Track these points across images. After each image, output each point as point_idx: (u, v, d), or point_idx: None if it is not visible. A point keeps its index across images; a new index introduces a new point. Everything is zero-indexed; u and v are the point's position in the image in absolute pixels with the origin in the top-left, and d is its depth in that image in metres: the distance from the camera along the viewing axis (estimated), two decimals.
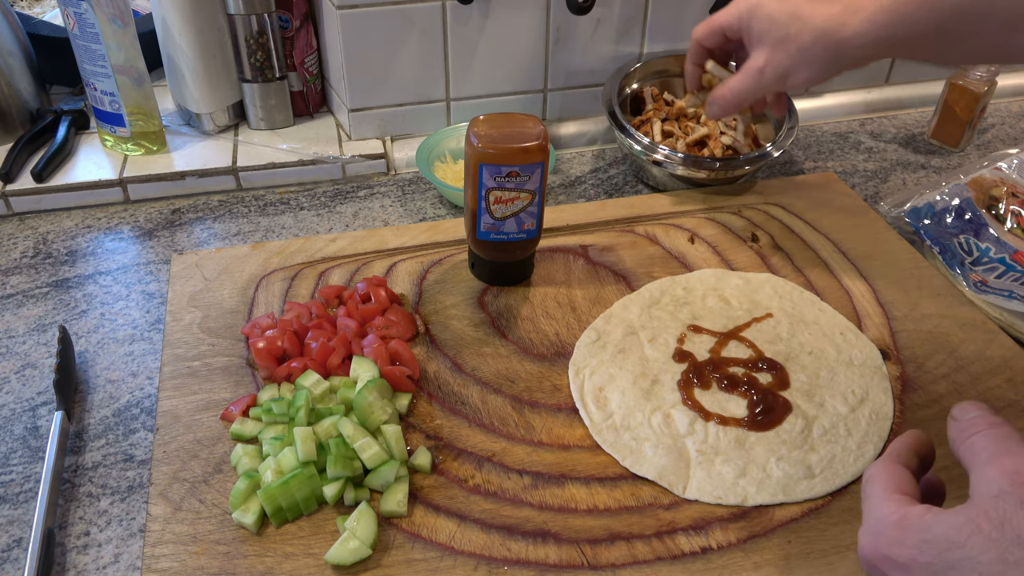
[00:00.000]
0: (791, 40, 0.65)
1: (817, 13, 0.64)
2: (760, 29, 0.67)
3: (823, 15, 0.64)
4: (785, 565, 0.53)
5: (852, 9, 0.62)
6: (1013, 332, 0.72)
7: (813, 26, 0.64)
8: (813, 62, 0.66)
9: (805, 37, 0.65)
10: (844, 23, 0.62)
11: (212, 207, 0.89)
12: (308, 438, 0.57)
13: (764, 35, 0.67)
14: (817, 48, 0.64)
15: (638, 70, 0.96)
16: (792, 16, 0.65)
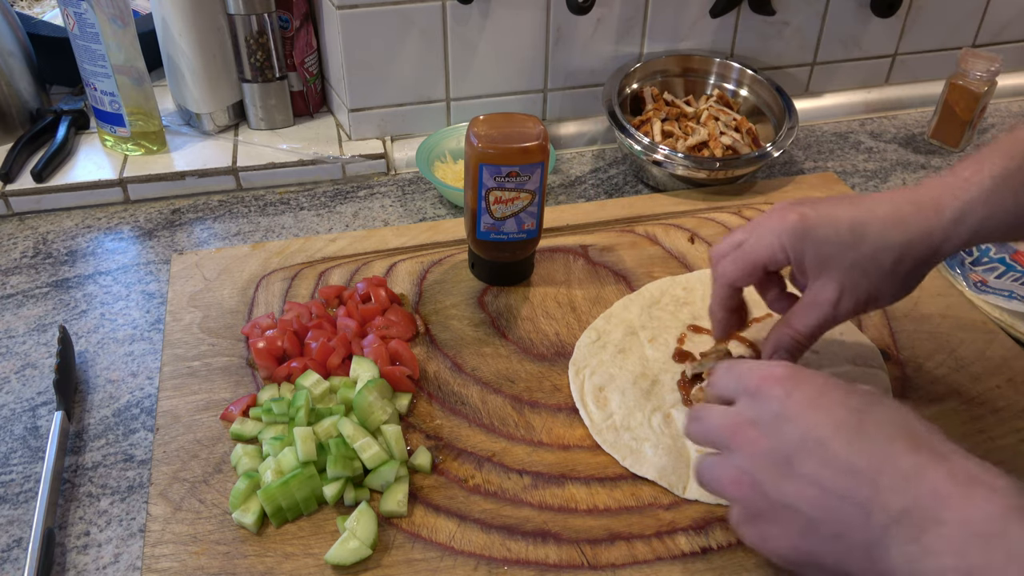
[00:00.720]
0: (867, 264, 0.53)
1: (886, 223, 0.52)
2: (820, 257, 0.54)
3: (897, 224, 0.52)
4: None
5: (932, 209, 0.52)
6: (1013, 332, 0.72)
7: (889, 243, 0.52)
8: (900, 282, 0.54)
9: (884, 258, 0.52)
10: (929, 231, 0.52)
11: (212, 207, 0.89)
12: (308, 438, 0.57)
13: (829, 262, 0.54)
14: (903, 267, 0.53)
15: (638, 70, 0.96)
16: (857, 235, 0.53)
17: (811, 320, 0.55)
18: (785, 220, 0.54)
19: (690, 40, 0.99)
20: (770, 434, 0.44)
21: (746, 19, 0.99)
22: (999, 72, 0.95)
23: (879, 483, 0.40)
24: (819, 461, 0.42)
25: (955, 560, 0.37)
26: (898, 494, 0.40)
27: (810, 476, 0.42)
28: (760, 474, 0.44)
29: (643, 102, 0.97)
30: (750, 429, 0.45)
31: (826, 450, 0.42)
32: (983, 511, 0.37)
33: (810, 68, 1.06)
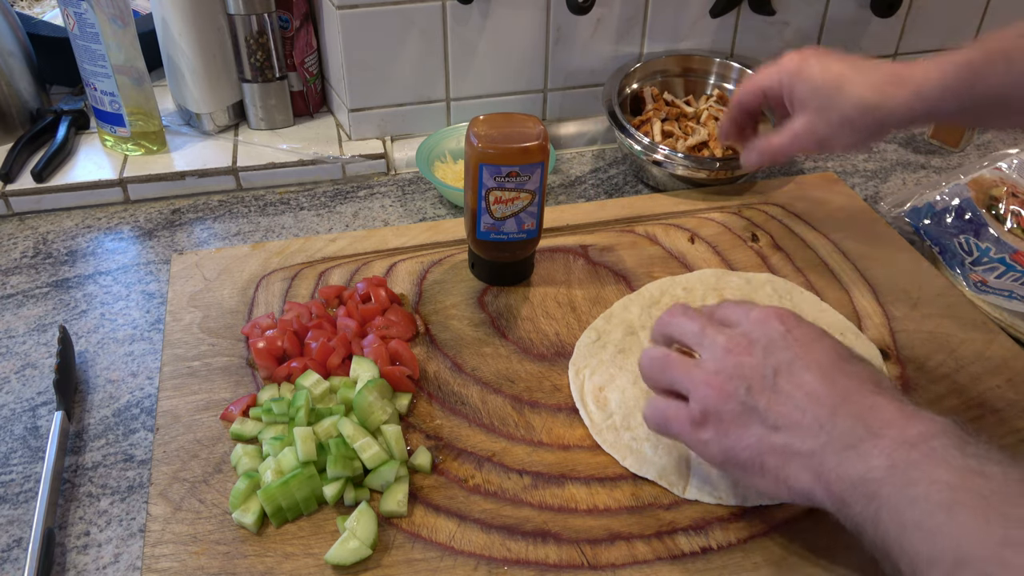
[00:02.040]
0: (833, 110, 0.65)
1: (861, 83, 0.64)
2: (803, 94, 0.67)
3: (867, 85, 0.63)
4: (785, 565, 0.53)
5: (898, 80, 0.62)
6: (1013, 332, 0.72)
7: (857, 98, 0.64)
8: (853, 133, 0.65)
9: (848, 109, 0.64)
10: (889, 96, 0.62)
11: (212, 207, 0.89)
12: (308, 438, 0.57)
13: (807, 101, 0.67)
14: (860, 121, 0.64)
15: (638, 70, 0.96)
16: (835, 86, 0.65)
17: (778, 142, 0.71)
18: (791, 60, 0.69)
19: (690, 40, 0.99)
20: (764, 353, 0.50)
21: (746, 19, 0.99)
22: None
23: (839, 407, 0.46)
24: (795, 382, 0.48)
25: (882, 460, 0.43)
26: (851, 418, 0.45)
27: (784, 391, 0.48)
28: (742, 381, 0.49)
29: (643, 102, 0.96)
30: (746, 345, 0.50)
31: (804, 376, 0.48)
32: (918, 429, 0.43)
33: None
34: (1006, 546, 0.37)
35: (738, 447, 0.49)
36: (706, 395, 0.50)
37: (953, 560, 0.38)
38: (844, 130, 0.65)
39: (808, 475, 0.46)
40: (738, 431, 0.49)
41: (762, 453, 0.48)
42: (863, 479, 0.43)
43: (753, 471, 0.48)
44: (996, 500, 0.38)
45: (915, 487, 0.41)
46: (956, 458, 0.41)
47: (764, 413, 0.48)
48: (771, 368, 0.49)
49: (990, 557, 0.37)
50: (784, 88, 0.69)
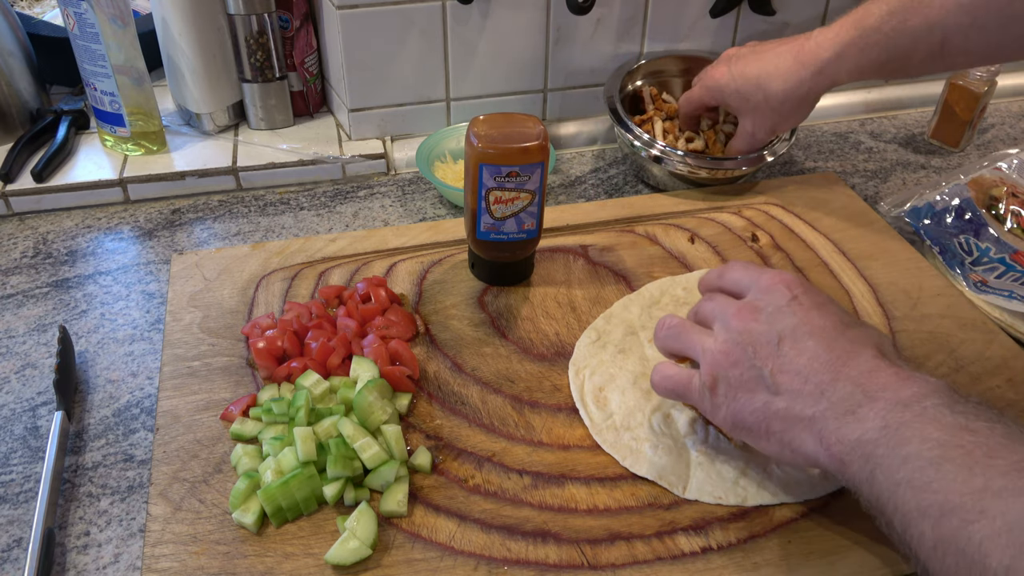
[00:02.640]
0: (764, 106, 0.79)
1: (773, 76, 0.77)
2: (735, 105, 0.82)
3: (779, 78, 0.77)
4: (785, 565, 0.53)
5: (801, 63, 0.76)
6: (1013, 332, 0.72)
7: (775, 92, 0.78)
8: (790, 113, 0.80)
9: (774, 102, 0.78)
10: (800, 81, 0.76)
11: (212, 207, 0.89)
12: (308, 438, 0.57)
13: (741, 108, 0.82)
14: (788, 105, 0.78)
15: (638, 70, 0.96)
16: (755, 87, 0.79)
17: (741, 144, 0.85)
18: (711, 77, 0.83)
19: (690, 40, 0.99)
20: (770, 320, 0.52)
21: (746, 19, 0.99)
22: (999, 72, 0.95)
23: (839, 372, 0.48)
24: (799, 348, 0.50)
25: (877, 422, 0.45)
26: (850, 382, 0.47)
27: (789, 357, 0.50)
28: (749, 347, 0.51)
29: (642, 102, 0.96)
30: (754, 312, 0.53)
31: (808, 341, 0.50)
32: (911, 391, 0.45)
33: None
34: (986, 493, 0.38)
35: (745, 411, 0.51)
36: (716, 361, 0.52)
37: (939, 510, 0.40)
38: (781, 117, 0.80)
39: (811, 439, 0.48)
40: (745, 396, 0.51)
41: (768, 418, 0.50)
42: (859, 441, 0.45)
43: (760, 435, 0.51)
44: (980, 453, 0.40)
45: (907, 446, 0.43)
46: (946, 416, 0.43)
47: (769, 379, 0.50)
48: (776, 334, 0.51)
49: (972, 505, 0.38)
50: (718, 102, 0.84)
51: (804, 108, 0.80)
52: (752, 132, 0.82)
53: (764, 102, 0.79)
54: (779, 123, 0.81)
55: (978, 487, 0.39)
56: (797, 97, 0.77)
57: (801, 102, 0.78)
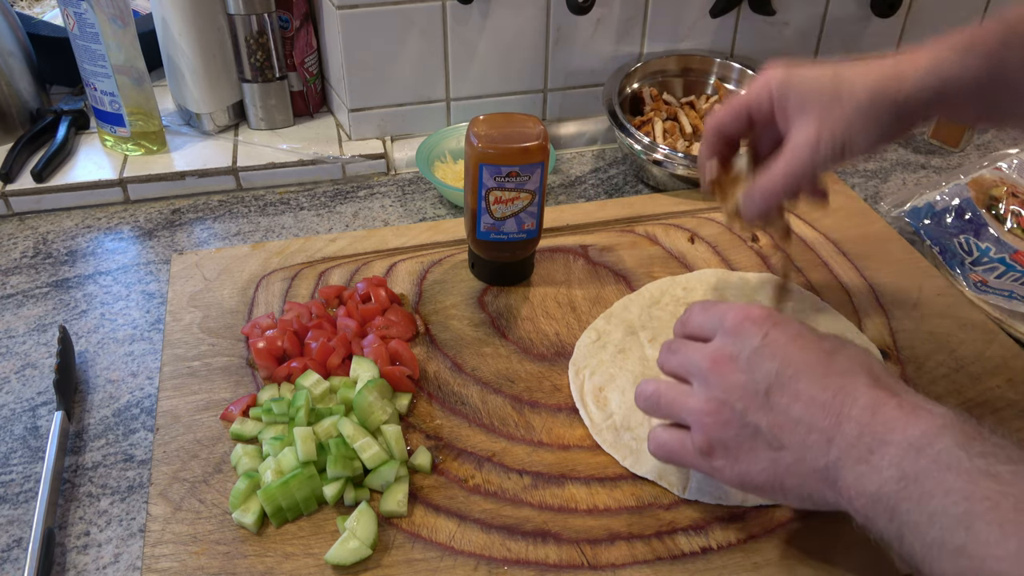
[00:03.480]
0: (844, 102, 0.55)
1: (863, 74, 0.56)
2: (801, 96, 0.56)
3: (873, 71, 0.55)
4: (785, 565, 0.53)
5: (903, 64, 0.55)
6: (1013, 332, 0.72)
7: (866, 84, 0.55)
8: (874, 123, 0.55)
9: (860, 96, 0.55)
10: (902, 75, 0.54)
11: (212, 207, 0.89)
12: (308, 438, 0.57)
13: (808, 102, 0.56)
14: (876, 107, 0.55)
15: (638, 70, 0.96)
16: (836, 78, 0.56)
17: (794, 162, 0.57)
18: (774, 71, 0.58)
19: (690, 40, 0.99)
20: (748, 368, 0.48)
21: (746, 19, 0.99)
22: None
23: (841, 414, 0.45)
24: (791, 394, 0.46)
25: (893, 471, 0.42)
26: (855, 423, 0.44)
27: (782, 406, 0.46)
28: (737, 404, 0.48)
29: (642, 102, 0.97)
30: (729, 362, 0.49)
31: (797, 384, 0.46)
32: (920, 429, 0.42)
33: None
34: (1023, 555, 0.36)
35: (752, 472, 0.48)
36: (705, 424, 0.49)
37: None
38: (862, 122, 0.55)
39: (830, 491, 0.45)
40: (748, 456, 0.48)
41: (779, 476, 0.47)
42: (879, 495, 0.42)
43: (775, 492, 0.48)
44: (1009, 505, 0.38)
45: (930, 501, 0.40)
46: (963, 460, 0.40)
47: (768, 434, 0.47)
48: (762, 384, 0.47)
49: (1015, 571, 0.36)
50: (775, 100, 0.58)
51: (896, 121, 0.55)
52: (814, 141, 0.55)
53: (846, 95, 0.55)
54: (855, 134, 0.55)
55: (1014, 550, 0.37)
56: (893, 98, 0.54)
57: (896, 109, 0.55)
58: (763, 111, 0.59)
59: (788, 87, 0.57)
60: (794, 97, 0.57)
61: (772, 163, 0.58)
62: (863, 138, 0.55)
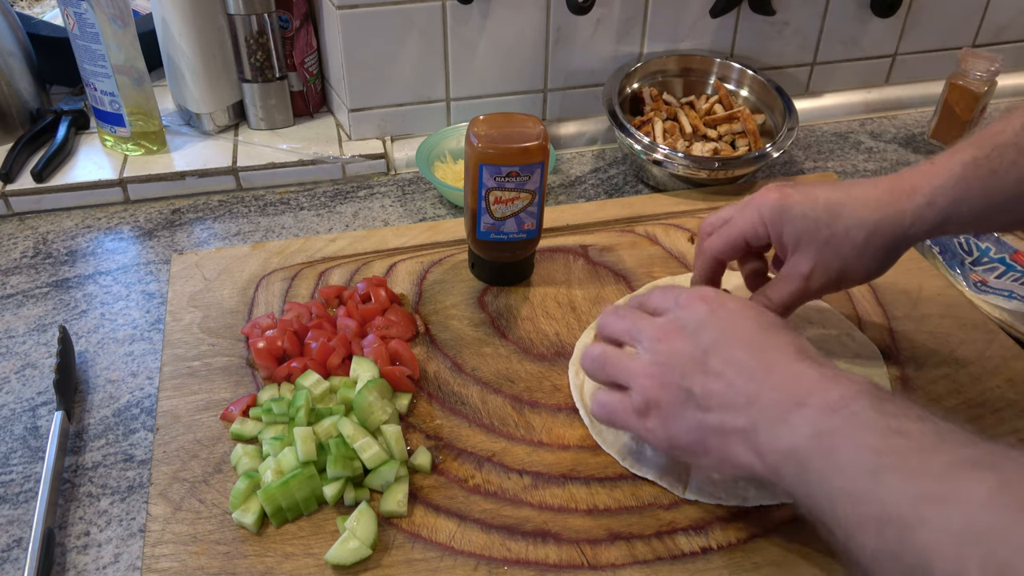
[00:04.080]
0: (840, 240, 0.56)
1: (858, 204, 0.56)
2: (796, 232, 0.57)
3: (870, 204, 0.56)
4: (785, 565, 0.54)
5: (898, 192, 0.56)
6: (1013, 332, 0.72)
7: (862, 220, 0.56)
8: (870, 260, 0.57)
9: (856, 235, 0.56)
10: (900, 211, 0.55)
11: (212, 207, 0.89)
12: (308, 438, 0.57)
13: (804, 237, 0.57)
14: (873, 244, 0.56)
15: (638, 70, 0.96)
16: (832, 213, 0.56)
17: (784, 292, 0.60)
18: (767, 198, 0.59)
19: (690, 40, 0.99)
20: (692, 336, 0.51)
21: (746, 19, 0.99)
22: (999, 72, 0.95)
23: (765, 380, 0.47)
24: (724, 360, 0.49)
25: (807, 429, 0.44)
26: (776, 388, 0.47)
27: (715, 371, 0.49)
28: (676, 367, 0.50)
29: (642, 102, 0.97)
30: (676, 331, 0.52)
31: (732, 353, 0.49)
32: (838, 393, 0.44)
33: (810, 68, 1.06)
34: (923, 501, 0.38)
35: (680, 432, 0.50)
36: (645, 386, 0.52)
37: (878, 522, 0.39)
38: (858, 260, 0.57)
39: (746, 450, 0.47)
40: (678, 418, 0.50)
41: (703, 435, 0.49)
42: (792, 449, 0.44)
43: (698, 453, 0.50)
44: (914, 457, 0.40)
45: (840, 454, 0.42)
46: (876, 420, 0.42)
47: (699, 396, 0.49)
48: (701, 350, 0.50)
49: (909, 514, 0.38)
50: (771, 229, 0.59)
51: (894, 254, 0.58)
52: (807, 275, 0.58)
53: (841, 234, 0.56)
54: (850, 270, 0.57)
55: (914, 495, 0.38)
56: (891, 235, 0.56)
57: (894, 244, 0.56)
58: (759, 239, 0.60)
59: (782, 219, 0.58)
60: (789, 231, 0.58)
61: (766, 290, 0.61)
62: (861, 271, 0.58)
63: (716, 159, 0.87)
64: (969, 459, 0.39)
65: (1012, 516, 0.35)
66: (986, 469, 0.38)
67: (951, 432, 0.41)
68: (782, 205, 0.58)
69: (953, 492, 0.37)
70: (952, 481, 0.38)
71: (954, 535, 0.36)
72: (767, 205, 0.59)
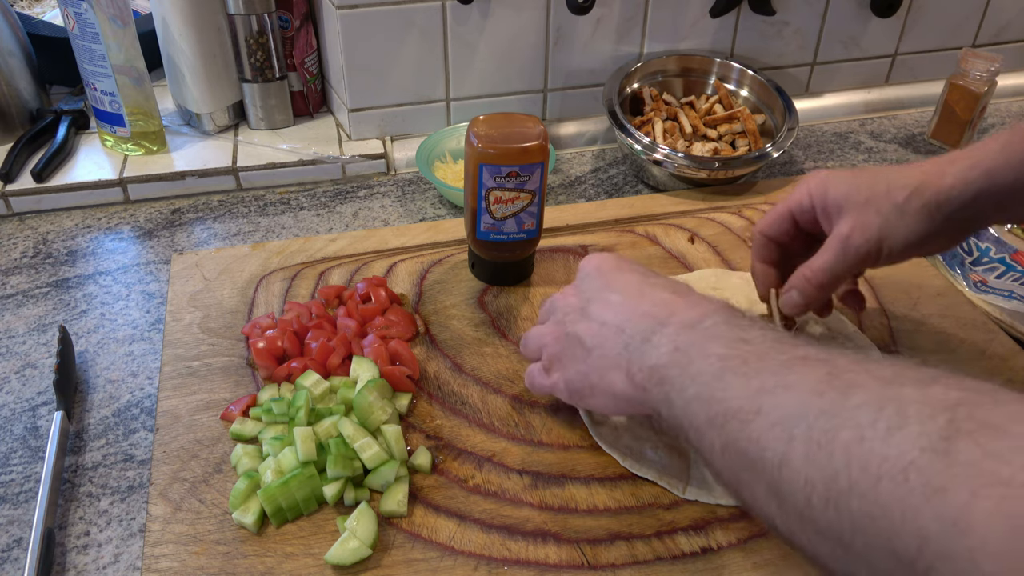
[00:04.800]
0: (880, 198, 0.56)
1: (905, 172, 0.57)
2: (839, 195, 0.58)
3: (914, 171, 0.56)
4: (785, 565, 0.53)
5: (947, 160, 0.56)
6: (1013, 332, 0.72)
7: (905, 182, 0.56)
8: (911, 219, 0.55)
9: (897, 193, 0.56)
10: (942, 173, 0.55)
11: (212, 207, 0.89)
12: (308, 438, 0.57)
13: (846, 200, 0.57)
14: (913, 203, 0.55)
15: (638, 70, 0.96)
16: (875, 178, 0.57)
17: (825, 258, 0.58)
18: (815, 175, 0.61)
19: (690, 40, 0.99)
20: (579, 292, 0.56)
21: (746, 19, 0.99)
22: (999, 72, 0.95)
23: (635, 309, 0.51)
24: (603, 304, 0.53)
25: (668, 346, 0.47)
26: (645, 316, 0.50)
27: (595, 315, 0.53)
28: (566, 320, 0.55)
29: (643, 103, 0.97)
30: (572, 290, 0.57)
31: (610, 297, 0.53)
32: (696, 313, 0.48)
33: (810, 68, 1.06)
34: (761, 393, 0.41)
35: (572, 376, 0.54)
36: (547, 343, 0.57)
37: (723, 417, 0.42)
38: (899, 220, 0.56)
39: (620, 375, 0.50)
40: (569, 362, 0.54)
41: (587, 373, 0.53)
42: (655, 366, 0.47)
43: (587, 393, 0.53)
44: (754, 358, 0.43)
45: (693, 364, 0.45)
46: (726, 331, 0.46)
47: (585, 339, 0.53)
48: (584, 299, 0.55)
49: (749, 406, 0.41)
50: (815, 203, 0.59)
51: (934, 217, 0.55)
52: (847, 235, 0.57)
53: (882, 194, 0.56)
54: (891, 231, 0.56)
55: (754, 389, 0.41)
56: (932, 195, 0.55)
57: (935, 205, 0.55)
58: (806, 214, 0.60)
59: (827, 188, 0.59)
60: (833, 198, 0.58)
61: (811, 259, 0.59)
62: (901, 236, 0.56)
63: (716, 159, 0.87)
64: (803, 356, 0.41)
65: (837, 396, 0.37)
66: (818, 363, 0.40)
67: (790, 339, 0.44)
68: (827, 177, 0.59)
69: (786, 383, 0.40)
70: (786, 375, 0.41)
71: (784, 417, 0.39)
72: (814, 178, 0.60)
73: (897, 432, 0.34)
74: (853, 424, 0.35)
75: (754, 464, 0.39)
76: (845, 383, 0.38)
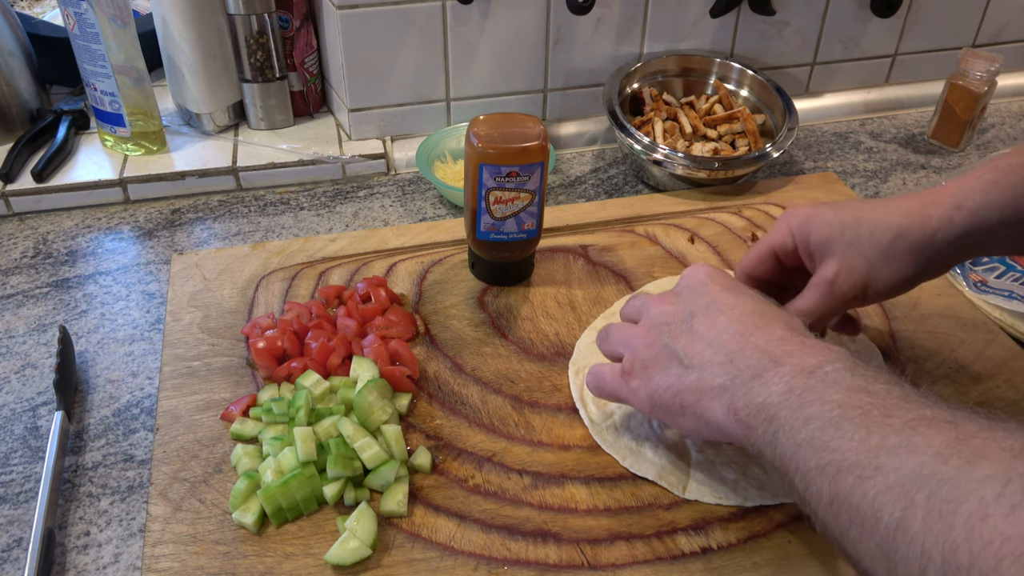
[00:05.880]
0: (864, 242, 0.55)
1: (887, 209, 0.56)
2: (822, 238, 0.57)
3: (897, 211, 0.55)
4: (785, 565, 0.53)
5: (931, 200, 0.55)
6: (1013, 332, 0.72)
7: (888, 224, 0.55)
8: (896, 263, 0.55)
9: (881, 236, 0.55)
10: (926, 215, 0.54)
11: (212, 207, 0.89)
12: (308, 438, 0.57)
13: (829, 242, 0.57)
14: (898, 247, 0.55)
15: (638, 70, 0.96)
16: (857, 218, 0.56)
17: (809, 299, 0.57)
18: (796, 211, 0.60)
19: (690, 40, 0.99)
20: (683, 301, 0.54)
21: (746, 19, 0.99)
22: (999, 72, 0.95)
23: (747, 342, 0.49)
24: (709, 323, 0.51)
25: (781, 386, 0.45)
26: (757, 350, 0.48)
27: (700, 332, 0.51)
28: (664, 328, 0.53)
29: (643, 103, 0.97)
30: (672, 297, 0.55)
31: (718, 317, 0.51)
32: (815, 358, 0.46)
33: (810, 68, 1.06)
34: (881, 450, 0.39)
35: (660, 389, 0.52)
36: (635, 346, 0.54)
37: (836, 468, 0.40)
38: (884, 264, 0.55)
39: (720, 407, 0.48)
40: (659, 374, 0.52)
41: (680, 392, 0.50)
42: (764, 404, 0.46)
43: (674, 411, 0.51)
44: (877, 413, 0.41)
45: (809, 408, 0.43)
46: (847, 379, 0.44)
47: (682, 355, 0.51)
48: (688, 312, 0.52)
49: (867, 462, 0.39)
50: (798, 240, 0.58)
51: (919, 260, 0.55)
52: (831, 279, 0.56)
53: (866, 237, 0.55)
54: (876, 275, 0.55)
55: (874, 445, 0.40)
56: (917, 239, 0.54)
57: (920, 249, 0.54)
58: (788, 252, 0.60)
59: (808, 228, 0.58)
60: (816, 240, 0.57)
61: (792, 303, 0.58)
62: (887, 278, 0.56)
63: (716, 159, 0.87)
64: (930, 417, 0.40)
65: (963, 464, 0.36)
66: (945, 425, 0.39)
67: (917, 395, 0.42)
68: (809, 214, 0.58)
69: (909, 443, 0.39)
70: (910, 435, 0.39)
71: (904, 480, 0.37)
72: (795, 217, 0.59)
73: (1021, 510, 0.33)
74: (977, 498, 0.34)
75: (865, 522, 0.38)
76: (972, 451, 0.36)
